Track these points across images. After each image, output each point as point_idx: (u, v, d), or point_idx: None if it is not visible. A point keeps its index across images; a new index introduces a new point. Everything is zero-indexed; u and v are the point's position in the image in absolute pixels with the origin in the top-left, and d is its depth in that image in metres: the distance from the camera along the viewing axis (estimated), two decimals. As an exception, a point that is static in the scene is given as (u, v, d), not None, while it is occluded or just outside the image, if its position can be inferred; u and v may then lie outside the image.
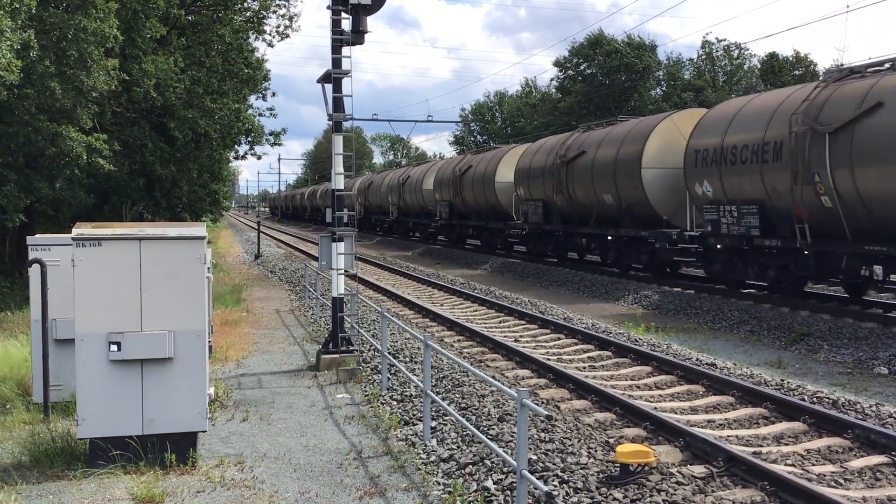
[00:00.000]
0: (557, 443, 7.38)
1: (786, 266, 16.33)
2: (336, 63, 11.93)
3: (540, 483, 5.60)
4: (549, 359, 11.70)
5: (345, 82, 11.99)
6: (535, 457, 6.98)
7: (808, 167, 14.54)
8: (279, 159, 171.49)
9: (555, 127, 55.84)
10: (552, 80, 68.34)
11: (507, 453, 6.69)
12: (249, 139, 30.00)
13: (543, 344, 13.30)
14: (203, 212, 35.28)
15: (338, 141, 12.09)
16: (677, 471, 6.67)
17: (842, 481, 6.72)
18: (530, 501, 6.12)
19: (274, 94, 32.72)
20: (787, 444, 7.74)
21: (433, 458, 7.55)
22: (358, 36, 11.94)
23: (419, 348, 12.29)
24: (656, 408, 8.91)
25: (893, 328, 13.46)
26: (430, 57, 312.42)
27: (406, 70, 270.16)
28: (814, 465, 7.11)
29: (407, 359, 11.92)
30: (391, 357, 10.98)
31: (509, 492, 6.43)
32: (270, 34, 28.10)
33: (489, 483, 6.65)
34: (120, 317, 7.07)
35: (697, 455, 7.18)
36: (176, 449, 7.23)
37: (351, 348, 12.03)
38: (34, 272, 8.83)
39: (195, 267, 7.27)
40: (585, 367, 11.51)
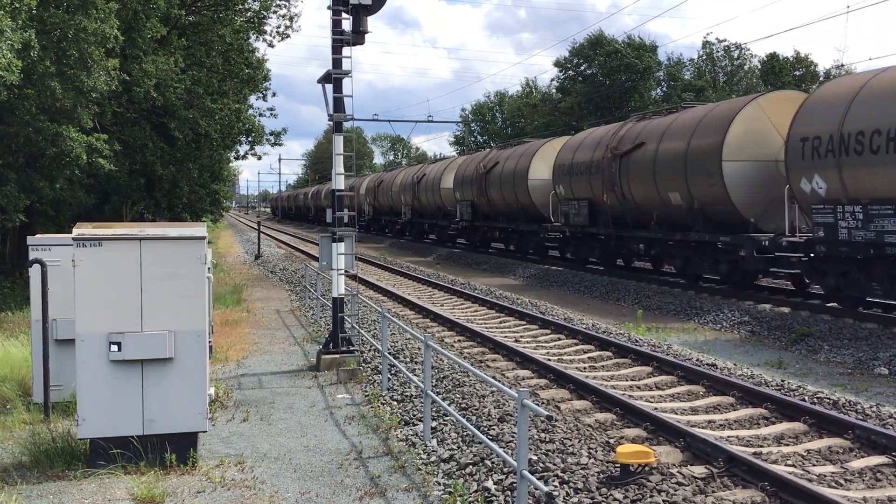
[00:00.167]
0: (558, 443, 7.39)
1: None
2: (336, 63, 11.94)
3: (540, 483, 5.61)
4: (550, 359, 11.70)
5: (345, 82, 12.01)
6: (536, 457, 6.98)
7: None
8: (279, 159, 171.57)
9: (555, 127, 55.90)
10: (552, 81, 68.51)
11: (508, 454, 6.69)
12: (250, 139, 29.97)
13: (544, 344, 13.31)
14: (203, 212, 35.25)
15: (338, 141, 12.10)
16: (678, 471, 6.67)
17: (842, 482, 6.72)
18: (531, 502, 6.12)
19: (274, 95, 32.67)
20: (788, 445, 7.74)
21: (433, 459, 7.56)
22: (358, 36, 11.96)
23: (419, 348, 12.29)
24: (657, 408, 8.91)
25: (893, 329, 13.45)
26: (431, 57, 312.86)
27: (406, 70, 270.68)
28: (814, 466, 7.11)
29: (407, 359, 11.92)
30: (391, 357, 10.98)
31: (510, 492, 6.43)
32: (271, 34, 28.15)
33: (489, 483, 6.65)
34: (120, 317, 7.08)
35: (698, 455, 7.18)
36: (176, 449, 7.24)
37: (351, 348, 12.04)
38: (34, 272, 8.84)
39: (196, 267, 7.27)
40: (586, 368, 11.52)
